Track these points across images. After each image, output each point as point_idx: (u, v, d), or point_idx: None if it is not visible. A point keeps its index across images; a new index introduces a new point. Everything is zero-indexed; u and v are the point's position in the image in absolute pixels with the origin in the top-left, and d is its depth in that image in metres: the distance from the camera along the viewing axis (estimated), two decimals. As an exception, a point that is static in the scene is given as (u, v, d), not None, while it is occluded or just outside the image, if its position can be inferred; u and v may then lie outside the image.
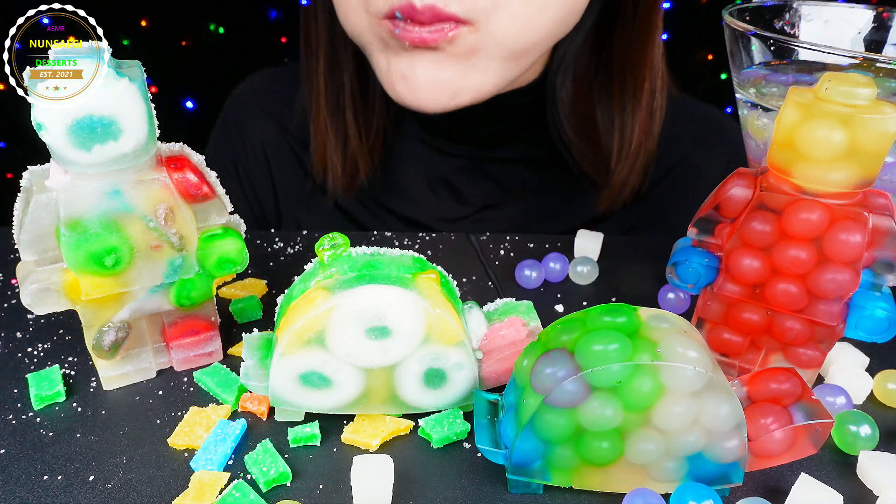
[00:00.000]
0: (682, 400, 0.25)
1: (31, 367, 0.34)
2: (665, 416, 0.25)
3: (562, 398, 0.25)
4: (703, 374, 0.25)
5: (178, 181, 0.30)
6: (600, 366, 0.25)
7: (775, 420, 0.26)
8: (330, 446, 0.30)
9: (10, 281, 0.41)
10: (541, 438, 0.27)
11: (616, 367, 0.25)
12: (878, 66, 0.34)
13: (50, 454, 0.29)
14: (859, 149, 0.27)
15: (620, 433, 0.26)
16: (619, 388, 0.25)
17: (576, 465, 0.27)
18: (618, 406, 0.25)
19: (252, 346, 0.31)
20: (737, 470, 0.27)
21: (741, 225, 0.30)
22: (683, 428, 0.26)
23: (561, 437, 0.26)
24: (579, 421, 0.26)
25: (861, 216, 0.28)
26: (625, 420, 0.26)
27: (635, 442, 0.26)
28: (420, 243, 0.48)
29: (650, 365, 0.25)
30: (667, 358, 0.25)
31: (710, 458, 0.27)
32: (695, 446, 0.26)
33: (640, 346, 0.25)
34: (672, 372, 0.25)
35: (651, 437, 0.26)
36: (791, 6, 0.44)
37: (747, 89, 0.40)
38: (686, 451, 0.26)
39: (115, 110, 0.27)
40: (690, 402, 0.25)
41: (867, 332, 0.31)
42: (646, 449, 0.26)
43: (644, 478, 0.27)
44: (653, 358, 0.25)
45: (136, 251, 0.30)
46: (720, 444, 0.26)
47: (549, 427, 0.26)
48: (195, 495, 0.27)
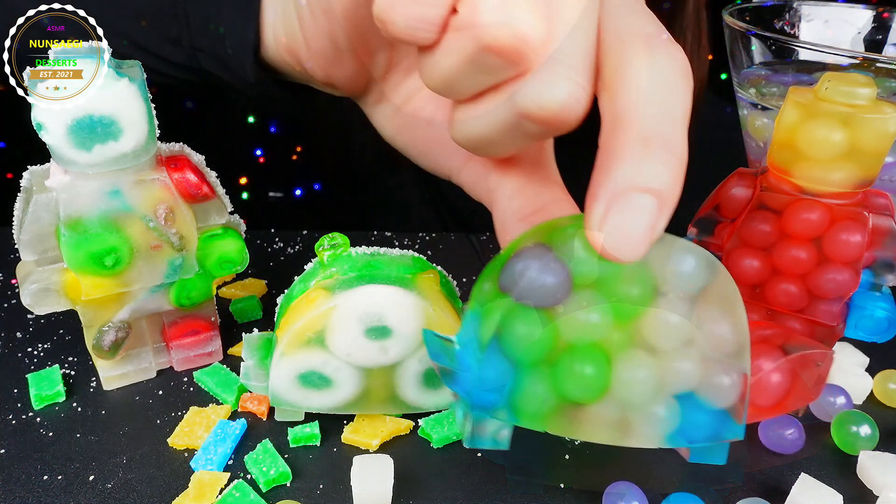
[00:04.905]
0: (678, 305, 0.22)
1: (31, 367, 0.34)
2: (657, 327, 0.22)
3: (537, 293, 0.21)
4: (703, 268, 0.21)
5: (178, 181, 0.30)
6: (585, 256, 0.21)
7: (769, 358, 0.24)
8: (330, 446, 0.30)
9: (10, 281, 0.41)
10: (510, 357, 0.22)
11: (602, 262, 0.21)
12: (878, 66, 0.34)
13: (50, 454, 0.29)
14: (859, 149, 0.27)
15: (606, 355, 0.22)
16: (606, 282, 0.21)
17: (551, 403, 0.22)
18: (605, 309, 0.21)
19: (252, 346, 0.31)
20: (733, 423, 0.23)
21: (741, 225, 0.30)
22: (677, 347, 0.22)
23: (535, 355, 0.22)
24: (558, 330, 0.21)
25: (861, 216, 0.28)
26: (612, 335, 0.22)
27: (623, 368, 0.22)
28: (420, 243, 0.48)
29: (640, 262, 0.21)
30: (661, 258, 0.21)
31: (704, 400, 0.22)
32: (689, 380, 0.22)
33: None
34: (667, 264, 0.21)
35: (642, 362, 0.22)
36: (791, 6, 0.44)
37: (747, 89, 0.40)
38: (679, 385, 0.22)
39: (115, 110, 0.27)
40: (687, 313, 0.22)
41: (867, 332, 0.31)
42: (635, 378, 0.22)
43: (628, 429, 0.23)
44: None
45: (136, 251, 0.30)
46: (717, 379, 0.22)
47: (520, 339, 0.21)
48: (195, 495, 0.27)
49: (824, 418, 0.33)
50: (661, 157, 0.20)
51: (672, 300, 0.22)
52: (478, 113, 0.23)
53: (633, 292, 0.21)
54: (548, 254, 0.21)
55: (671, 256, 0.21)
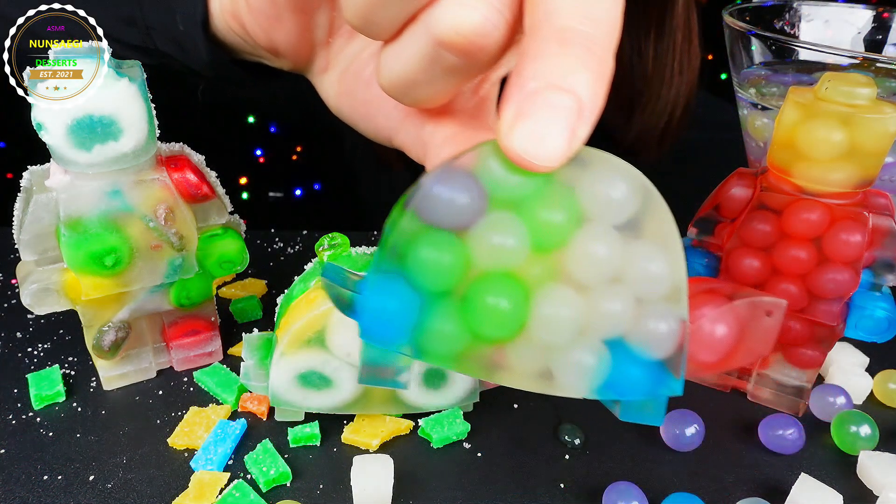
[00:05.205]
0: (605, 236, 0.19)
1: (31, 367, 0.34)
2: (583, 258, 0.19)
3: (444, 212, 0.18)
4: (637, 195, 0.19)
5: (178, 181, 0.30)
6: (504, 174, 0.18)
7: (712, 306, 0.21)
8: (330, 446, 0.30)
9: (10, 281, 0.41)
10: (415, 286, 0.19)
11: (520, 178, 0.19)
12: (878, 66, 0.34)
13: (50, 454, 0.29)
14: (859, 149, 0.27)
15: (524, 287, 0.19)
16: (525, 204, 0.19)
17: (463, 341, 0.20)
18: (523, 233, 0.19)
19: (252, 346, 0.31)
20: (670, 377, 0.20)
21: (741, 225, 0.30)
22: (605, 284, 0.19)
23: (443, 283, 0.19)
24: (470, 254, 0.19)
25: (861, 216, 0.28)
26: (531, 264, 0.19)
27: (543, 303, 0.19)
28: (420, 243, 0.48)
29: (565, 185, 0.19)
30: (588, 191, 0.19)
31: (637, 349, 0.20)
32: (618, 323, 0.19)
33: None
34: (596, 188, 0.19)
35: (564, 298, 0.19)
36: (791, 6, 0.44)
37: (747, 89, 0.40)
38: (607, 329, 0.19)
39: (115, 110, 0.27)
40: (616, 243, 0.19)
41: (867, 332, 0.31)
42: (557, 316, 0.19)
43: (552, 377, 0.20)
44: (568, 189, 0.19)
45: (136, 251, 0.30)
46: (651, 324, 0.19)
47: (426, 264, 0.19)
48: (195, 495, 0.27)
49: (824, 418, 0.33)
50: (580, 56, 0.18)
51: (601, 230, 0.19)
52: (397, 50, 0.22)
53: (556, 218, 0.19)
54: (457, 169, 0.19)
55: (601, 179, 0.19)
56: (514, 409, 0.33)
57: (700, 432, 0.30)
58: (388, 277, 0.19)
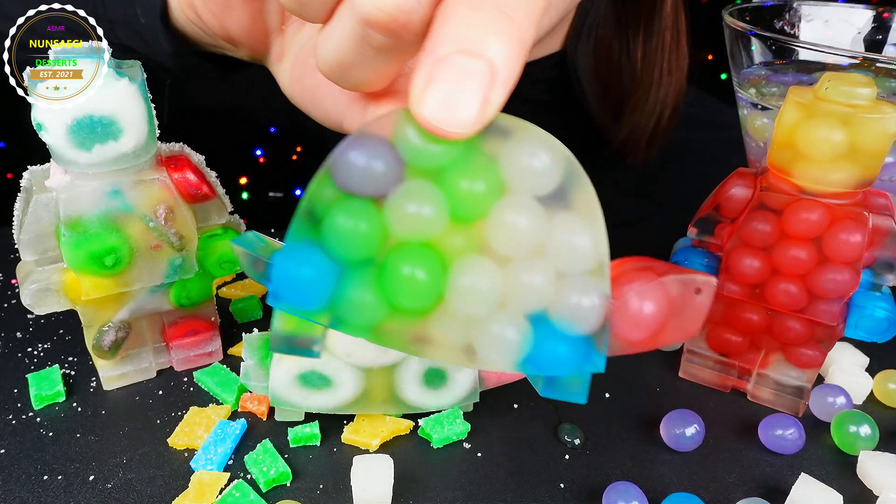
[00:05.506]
0: (527, 208, 0.19)
1: (31, 367, 0.34)
2: (503, 229, 0.19)
3: (358, 178, 0.18)
4: (560, 166, 0.18)
5: (178, 181, 0.30)
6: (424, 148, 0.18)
7: (642, 282, 0.21)
8: (330, 446, 0.30)
9: (10, 281, 0.41)
10: (332, 255, 0.19)
11: (440, 147, 0.18)
12: (878, 66, 0.34)
13: (50, 454, 0.29)
14: (859, 149, 0.27)
15: (442, 258, 0.19)
16: (445, 173, 0.18)
17: (381, 312, 0.19)
18: (441, 203, 0.18)
19: (252, 346, 0.31)
20: (593, 353, 0.19)
21: (741, 225, 0.30)
22: (526, 256, 0.19)
23: (359, 252, 0.19)
24: (386, 223, 0.19)
25: (861, 216, 0.28)
26: (450, 234, 0.19)
27: (461, 274, 0.19)
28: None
29: (486, 155, 0.18)
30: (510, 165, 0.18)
31: (559, 323, 0.19)
32: (540, 297, 0.19)
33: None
34: (518, 158, 0.18)
35: (482, 269, 0.19)
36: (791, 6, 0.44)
37: (747, 89, 0.40)
38: (528, 302, 0.19)
39: (115, 110, 0.27)
40: (538, 215, 0.19)
41: (867, 332, 0.31)
42: (475, 287, 0.19)
43: (474, 351, 0.20)
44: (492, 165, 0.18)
45: (136, 251, 0.30)
46: (574, 299, 0.19)
47: (341, 232, 0.19)
48: (195, 495, 0.27)
49: (824, 418, 0.33)
50: (494, 20, 0.17)
51: (522, 201, 0.19)
52: (329, 32, 0.21)
53: (476, 188, 0.18)
54: (372, 135, 0.18)
55: (523, 150, 0.19)
56: (514, 409, 0.33)
57: (700, 432, 0.30)
58: (304, 245, 0.19)
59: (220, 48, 0.33)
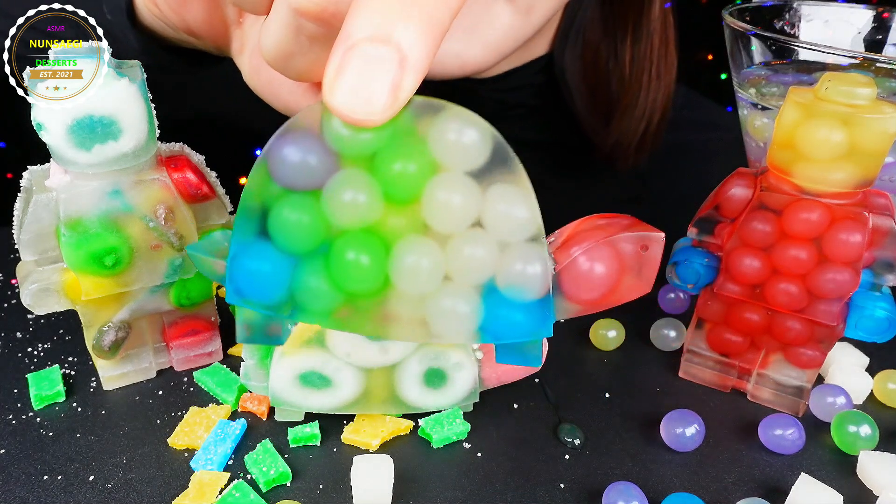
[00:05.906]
0: (459, 183, 0.19)
1: (31, 367, 0.34)
2: (438, 207, 0.19)
3: (293, 173, 0.19)
4: (487, 141, 0.19)
5: (178, 181, 0.30)
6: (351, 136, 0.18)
7: (590, 242, 0.21)
8: (330, 446, 0.30)
9: (10, 281, 0.41)
10: (282, 248, 0.20)
11: (368, 134, 0.19)
12: (878, 66, 0.34)
13: (50, 454, 0.29)
14: (859, 149, 0.27)
15: (384, 241, 0.20)
16: (377, 158, 0.19)
17: (336, 299, 0.20)
18: (375, 188, 0.19)
19: (252, 346, 0.31)
20: (543, 317, 0.20)
21: (741, 225, 0.30)
22: (465, 231, 0.20)
23: (306, 244, 0.20)
24: (326, 213, 0.19)
25: (861, 216, 0.28)
26: (389, 217, 0.19)
27: (403, 254, 0.20)
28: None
29: (417, 136, 0.19)
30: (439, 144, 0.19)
31: (507, 292, 0.20)
32: (484, 268, 0.20)
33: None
34: (446, 136, 0.19)
35: (422, 248, 0.20)
36: (791, 6, 0.44)
37: (747, 89, 0.40)
38: (473, 274, 0.20)
39: (115, 110, 0.27)
40: (471, 190, 0.19)
41: (867, 332, 0.31)
42: (418, 266, 0.20)
43: (429, 326, 0.21)
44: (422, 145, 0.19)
45: (136, 251, 0.30)
46: (518, 267, 0.20)
47: (287, 227, 0.20)
48: (195, 495, 0.27)
49: (824, 418, 0.33)
50: (403, 6, 0.18)
51: (454, 178, 0.19)
52: (269, 22, 0.22)
53: (409, 169, 0.19)
54: (300, 129, 0.19)
55: (451, 128, 0.19)
56: (514, 409, 0.33)
57: (700, 432, 0.30)
58: (254, 241, 0.20)
59: (185, 42, 0.34)
